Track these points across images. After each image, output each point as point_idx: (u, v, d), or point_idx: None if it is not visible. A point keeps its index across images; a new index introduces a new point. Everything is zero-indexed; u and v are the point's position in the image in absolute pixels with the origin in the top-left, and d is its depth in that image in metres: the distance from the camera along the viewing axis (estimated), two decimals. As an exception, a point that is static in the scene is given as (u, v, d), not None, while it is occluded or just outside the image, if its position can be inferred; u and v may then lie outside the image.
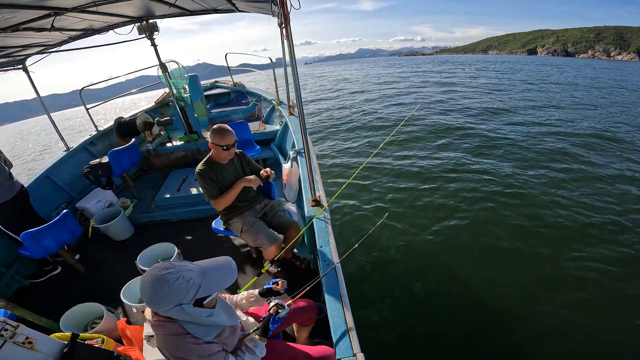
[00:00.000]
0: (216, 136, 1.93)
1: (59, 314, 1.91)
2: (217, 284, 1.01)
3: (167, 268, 0.94)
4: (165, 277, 0.91)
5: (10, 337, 1.01)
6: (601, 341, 2.42)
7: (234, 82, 6.15)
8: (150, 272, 0.94)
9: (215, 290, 1.01)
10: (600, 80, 18.88)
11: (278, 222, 2.18)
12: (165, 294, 0.90)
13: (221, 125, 1.98)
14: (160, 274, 0.92)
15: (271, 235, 2.06)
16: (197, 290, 0.94)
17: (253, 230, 2.06)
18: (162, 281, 0.91)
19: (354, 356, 1.09)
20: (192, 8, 3.13)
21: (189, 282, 0.93)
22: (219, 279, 1.02)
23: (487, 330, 2.55)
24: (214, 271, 1.02)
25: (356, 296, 2.83)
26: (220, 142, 1.93)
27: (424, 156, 6.05)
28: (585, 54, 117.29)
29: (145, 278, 0.93)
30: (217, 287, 1.01)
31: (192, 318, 0.97)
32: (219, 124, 2.00)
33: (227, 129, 1.96)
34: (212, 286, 0.99)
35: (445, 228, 3.80)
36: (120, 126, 3.98)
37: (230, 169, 2.08)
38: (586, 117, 8.98)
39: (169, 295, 0.91)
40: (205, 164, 2.01)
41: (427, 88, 15.56)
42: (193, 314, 0.95)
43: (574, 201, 4.29)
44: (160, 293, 0.91)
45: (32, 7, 1.78)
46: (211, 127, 2.13)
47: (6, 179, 2.36)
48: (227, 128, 1.97)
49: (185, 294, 0.92)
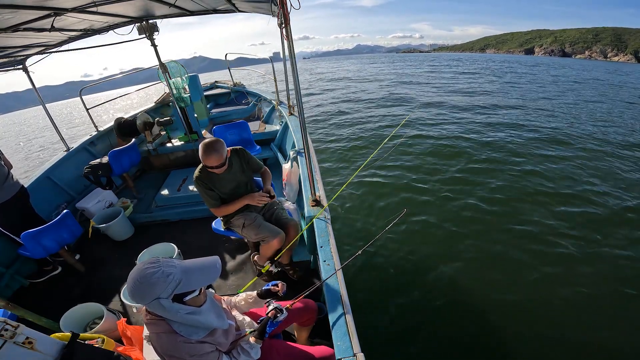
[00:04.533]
0: (202, 154, 1.81)
1: (59, 314, 1.91)
2: (198, 281, 1.02)
3: (151, 263, 0.97)
4: (145, 271, 0.94)
5: (10, 337, 1.01)
6: (601, 341, 2.43)
7: (234, 82, 6.15)
8: (136, 267, 0.98)
9: (196, 287, 1.02)
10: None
11: (277, 220, 2.16)
12: (144, 287, 0.94)
13: (209, 144, 1.81)
14: (142, 268, 0.96)
15: (273, 229, 2.03)
16: (177, 285, 0.96)
17: (255, 224, 2.03)
18: (142, 275, 0.94)
19: (354, 356, 1.09)
20: (192, 8, 3.13)
21: (168, 277, 0.94)
22: (200, 277, 1.03)
23: (487, 331, 2.55)
24: (197, 269, 1.03)
25: (356, 296, 2.82)
26: (204, 161, 1.82)
27: (425, 156, 6.05)
28: (582, 54, 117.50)
29: (131, 272, 0.98)
30: (198, 284, 1.02)
31: (169, 314, 0.98)
32: (209, 140, 1.83)
33: (212, 149, 1.79)
34: (192, 283, 1.00)
35: (446, 228, 3.80)
36: (120, 126, 3.98)
37: (228, 175, 2.00)
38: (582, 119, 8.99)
39: (147, 288, 0.93)
40: (202, 170, 1.93)
41: (426, 87, 15.58)
42: (170, 309, 0.97)
43: (576, 202, 4.29)
44: (139, 286, 0.94)
45: (32, 7, 1.78)
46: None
47: (4, 179, 2.36)
48: (213, 148, 1.79)
49: (163, 288, 0.94)
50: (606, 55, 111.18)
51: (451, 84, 16.84)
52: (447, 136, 7.19)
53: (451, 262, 3.24)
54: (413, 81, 18.68)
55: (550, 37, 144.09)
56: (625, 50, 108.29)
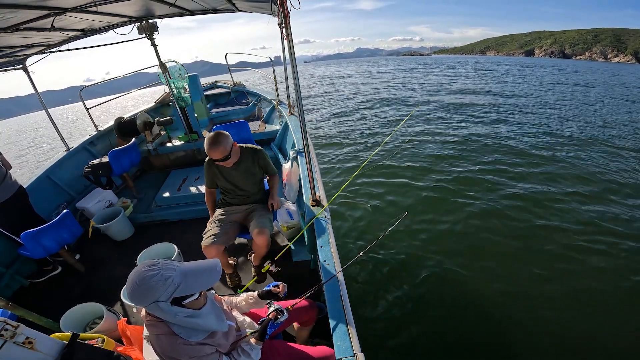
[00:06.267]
0: (207, 147, 1.84)
1: (59, 314, 1.91)
2: (198, 284, 1.01)
3: (151, 265, 0.97)
4: (144, 274, 0.94)
5: (10, 337, 1.01)
6: (600, 341, 2.43)
7: (234, 82, 6.15)
8: (135, 269, 0.98)
9: (196, 291, 1.01)
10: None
11: (252, 223, 2.02)
12: (142, 290, 0.93)
13: (214, 137, 1.82)
14: (141, 270, 0.95)
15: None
16: (176, 288, 0.95)
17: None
18: (141, 277, 0.94)
19: (354, 356, 1.09)
20: (192, 8, 3.13)
21: (167, 280, 0.94)
22: (200, 280, 1.02)
23: (487, 331, 2.55)
24: (196, 272, 1.02)
25: (356, 296, 2.83)
26: (208, 153, 1.86)
27: (425, 156, 6.05)
28: (582, 55, 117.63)
29: (130, 274, 0.97)
30: (198, 287, 1.01)
31: (168, 316, 0.97)
32: (215, 132, 1.86)
33: (216, 142, 1.80)
34: (192, 286, 0.99)
35: (448, 229, 3.80)
36: (120, 126, 3.98)
37: (232, 172, 2.02)
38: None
39: (145, 291, 0.93)
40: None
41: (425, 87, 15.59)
42: (168, 312, 0.96)
43: (577, 202, 4.29)
44: (137, 289, 0.93)
45: (32, 7, 1.78)
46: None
47: (2, 179, 2.36)
48: (217, 141, 1.80)
49: (162, 292, 0.93)
50: (606, 56, 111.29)
51: (452, 84, 16.85)
52: (448, 136, 7.19)
53: (453, 264, 3.23)
54: (413, 81, 18.70)
55: (550, 38, 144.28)
56: (625, 51, 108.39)
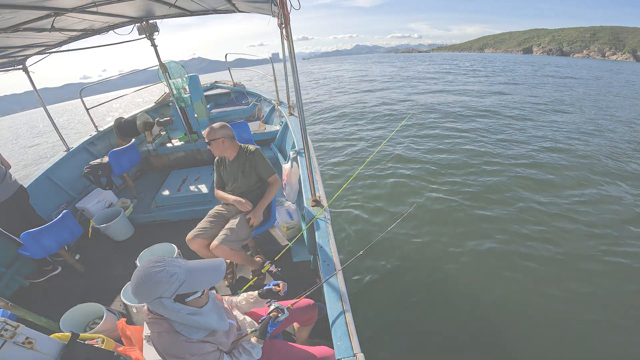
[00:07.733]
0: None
1: (59, 314, 1.91)
2: (201, 282, 1.02)
3: (156, 261, 0.97)
4: (150, 270, 0.95)
5: (10, 337, 1.01)
6: (600, 341, 2.43)
7: (234, 83, 6.16)
8: (141, 265, 0.98)
9: (199, 289, 1.02)
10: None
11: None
12: (147, 286, 0.94)
13: (217, 122, 2.06)
14: (147, 266, 0.96)
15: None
16: (180, 285, 0.96)
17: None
18: (146, 273, 0.94)
19: (354, 356, 1.09)
20: (192, 8, 3.13)
21: (172, 277, 0.95)
22: (204, 278, 1.03)
23: (487, 332, 2.55)
24: (201, 270, 1.03)
25: (356, 296, 2.82)
26: (205, 135, 2.05)
27: (426, 156, 6.05)
28: (580, 53, 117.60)
29: (136, 270, 0.98)
30: (201, 285, 1.02)
31: (170, 313, 0.98)
32: (219, 122, 2.08)
33: (214, 125, 2.04)
34: (196, 284, 1.00)
35: (448, 229, 3.79)
36: (120, 126, 3.98)
37: (235, 164, 2.13)
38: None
39: (150, 287, 0.93)
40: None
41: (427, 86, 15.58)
42: (171, 308, 0.97)
43: (578, 204, 4.29)
44: (143, 284, 0.94)
45: (32, 7, 1.78)
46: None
47: (2, 179, 2.36)
48: (214, 125, 2.04)
49: (166, 288, 0.94)
50: (604, 54, 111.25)
51: (452, 84, 16.85)
52: (448, 136, 7.20)
53: (454, 263, 3.24)
54: (414, 82, 18.70)
55: (549, 36, 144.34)
56: (623, 49, 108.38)
